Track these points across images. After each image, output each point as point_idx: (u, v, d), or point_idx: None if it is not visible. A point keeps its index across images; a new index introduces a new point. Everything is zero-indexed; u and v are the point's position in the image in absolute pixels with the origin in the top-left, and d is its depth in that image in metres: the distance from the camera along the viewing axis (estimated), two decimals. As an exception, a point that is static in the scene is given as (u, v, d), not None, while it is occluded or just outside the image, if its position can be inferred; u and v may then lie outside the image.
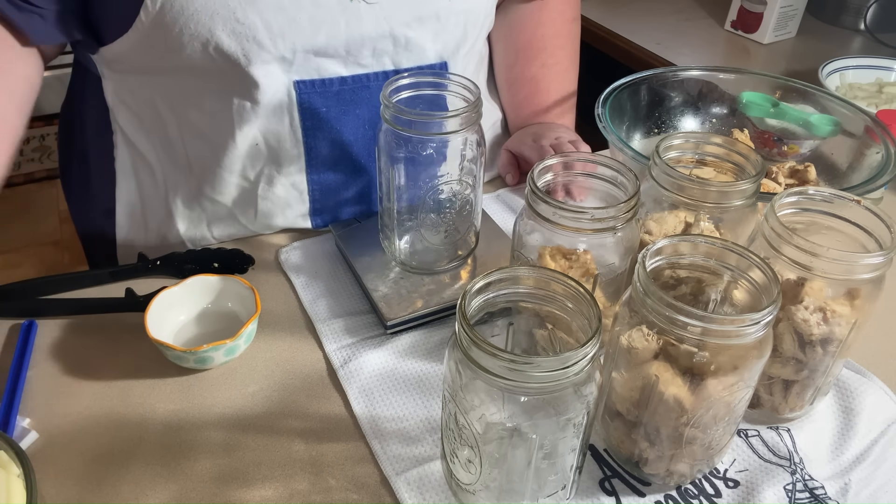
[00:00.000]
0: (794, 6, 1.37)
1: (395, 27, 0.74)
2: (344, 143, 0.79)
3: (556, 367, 0.43)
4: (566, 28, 0.96)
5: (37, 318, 0.69)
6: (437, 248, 0.72)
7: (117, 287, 0.72)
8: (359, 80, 0.76)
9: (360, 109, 0.77)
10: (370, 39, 0.73)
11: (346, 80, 0.75)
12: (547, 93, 0.95)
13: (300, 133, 0.76)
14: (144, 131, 0.79)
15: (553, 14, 0.94)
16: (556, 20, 0.94)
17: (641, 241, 0.60)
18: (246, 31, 0.68)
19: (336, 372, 0.65)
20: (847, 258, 0.52)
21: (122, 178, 0.83)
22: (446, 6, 0.75)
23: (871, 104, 1.09)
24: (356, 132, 0.79)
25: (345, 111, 0.77)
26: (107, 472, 0.57)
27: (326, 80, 0.74)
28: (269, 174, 0.79)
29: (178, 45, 0.69)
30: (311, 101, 0.75)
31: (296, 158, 0.78)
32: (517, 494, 0.51)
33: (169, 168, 0.81)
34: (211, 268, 0.74)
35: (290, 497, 0.56)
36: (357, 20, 0.71)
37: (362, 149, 0.81)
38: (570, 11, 0.96)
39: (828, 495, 0.56)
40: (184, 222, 0.82)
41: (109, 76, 0.78)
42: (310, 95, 0.74)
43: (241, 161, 0.78)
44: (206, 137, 0.77)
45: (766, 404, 0.60)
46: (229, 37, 0.68)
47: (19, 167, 2.48)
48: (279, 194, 0.80)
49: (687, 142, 0.65)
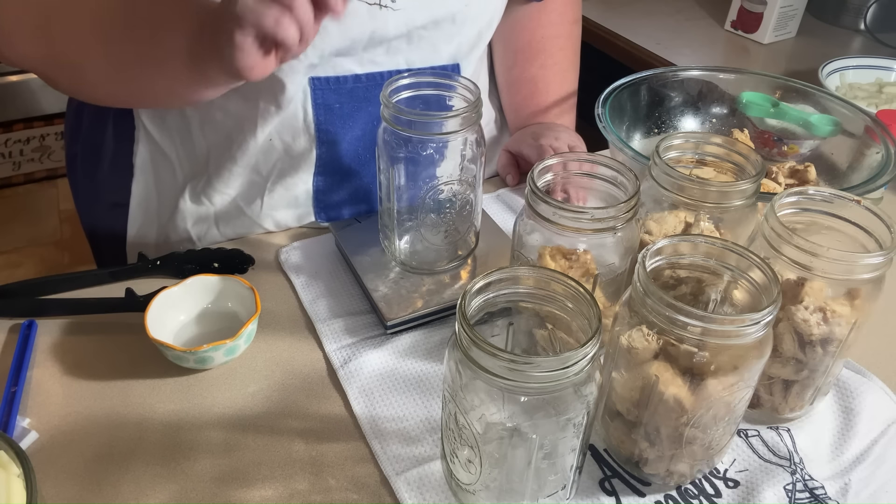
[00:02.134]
0: (794, 6, 1.37)
1: (413, 29, 0.74)
2: (355, 140, 0.80)
3: (556, 367, 0.43)
4: (566, 30, 0.96)
5: (37, 318, 0.69)
6: (437, 248, 0.72)
7: (117, 287, 0.72)
8: (372, 78, 0.76)
9: (372, 107, 0.78)
10: (388, 40, 0.74)
11: (360, 78, 0.76)
12: (546, 94, 0.95)
13: (313, 129, 0.77)
14: (167, 128, 0.80)
15: (553, 16, 0.94)
16: (556, 22, 0.94)
17: (641, 241, 0.60)
18: None
19: (336, 372, 0.65)
20: (847, 258, 0.52)
21: (139, 174, 0.83)
22: (462, 10, 0.76)
23: (871, 104, 1.09)
24: (367, 129, 0.80)
25: (357, 108, 0.78)
26: (107, 472, 0.57)
27: (341, 77, 0.75)
28: (280, 168, 0.80)
29: None
30: (325, 98, 0.75)
31: (307, 153, 0.79)
32: (517, 494, 0.51)
33: (187, 165, 0.81)
34: (211, 268, 0.74)
35: (290, 497, 0.56)
36: (383, 25, 0.72)
37: (370, 146, 0.81)
38: (570, 13, 0.96)
39: (828, 495, 0.56)
40: (192, 217, 0.83)
41: None
42: (324, 92, 0.75)
43: (255, 157, 0.78)
44: (227, 135, 0.78)
45: (766, 404, 0.60)
46: None
47: (19, 167, 2.48)
48: (287, 188, 0.81)
49: (687, 142, 0.65)
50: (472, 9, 0.77)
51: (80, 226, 0.96)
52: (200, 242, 0.84)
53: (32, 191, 2.42)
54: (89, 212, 0.92)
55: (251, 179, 0.80)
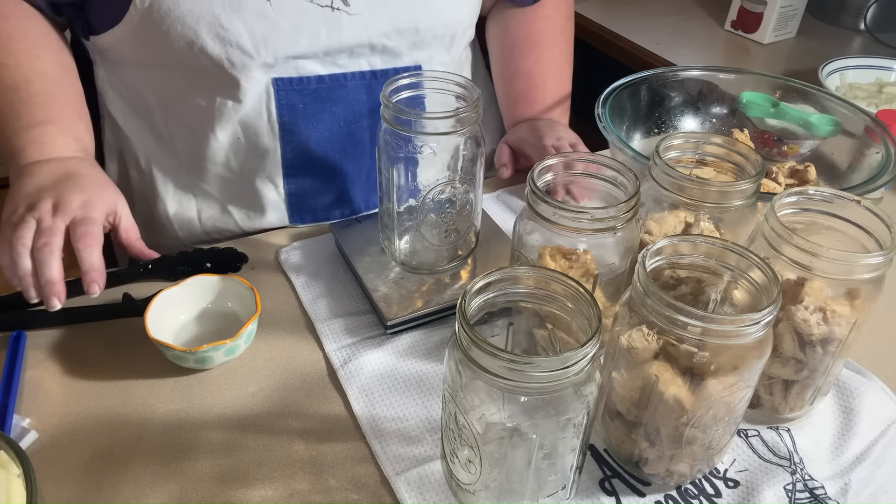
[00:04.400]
0: (794, 6, 1.37)
1: (374, 37, 0.76)
2: (320, 141, 0.81)
3: (556, 367, 0.43)
4: (560, 25, 0.97)
5: (33, 330, 0.68)
6: (437, 248, 0.72)
7: (109, 293, 0.71)
8: (336, 80, 0.78)
9: (336, 107, 0.79)
10: (348, 46, 0.75)
11: (323, 79, 0.77)
12: (542, 88, 0.95)
13: (277, 128, 0.78)
14: (132, 119, 0.82)
15: (548, 10, 0.95)
16: (551, 16, 0.95)
17: (641, 241, 0.60)
18: (230, 37, 0.70)
19: (336, 372, 0.65)
20: (847, 258, 0.52)
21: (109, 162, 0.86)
22: (425, 19, 0.77)
23: (871, 104, 1.09)
24: (332, 129, 0.81)
25: (321, 108, 0.79)
26: (107, 472, 0.57)
27: (304, 77, 0.76)
28: (250, 167, 0.81)
29: (165, 43, 0.70)
30: (289, 98, 0.77)
31: (272, 152, 0.80)
32: (517, 494, 0.51)
33: (157, 154, 0.83)
34: (204, 268, 0.73)
35: (290, 497, 0.56)
36: (338, 29, 0.73)
37: (338, 147, 0.82)
38: (564, 9, 0.98)
39: (828, 495, 0.56)
40: (174, 205, 0.84)
41: (101, 63, 0.81)
42: (287, 93, 0.76)
43: (223, 153, 0.80)
44: (191, 129, 0.79)
45: (766, 404, 0.60)
46: (214, 41, 0.70)
47: (19, 167, 2.46)
48: (259, 188, 0.82)
49: (687, 142, 0.65)
50: (441, 17, 0.78)
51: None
52: (189, 240, 0.85)
53: (32, 191, 2.41)
54: None
55: (224, 176, 0.82)
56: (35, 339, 0.67)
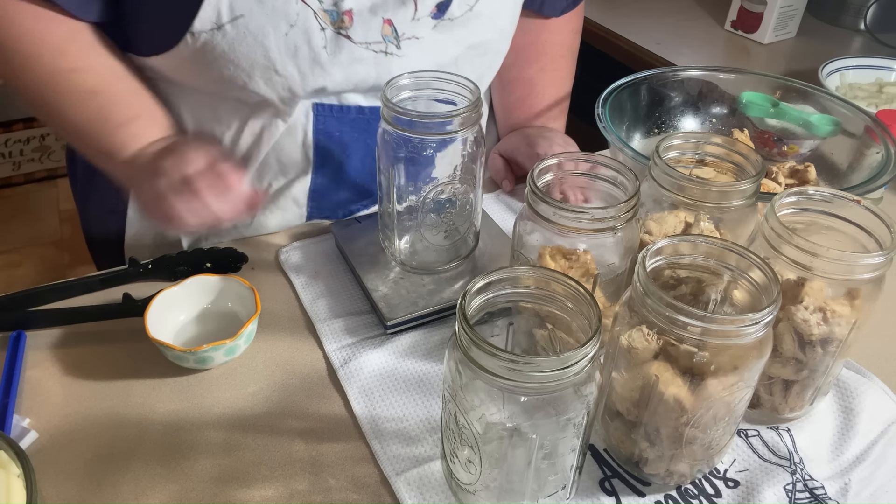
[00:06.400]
0: (794, 6, 1.37)
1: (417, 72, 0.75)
2: (350, 168, 0.81)
3: (556, 367, 0.43)
4: (569, 38, 0.96)
5: (32, 331, 0.68)
6: (437, 248, 0.72)
7: (109, 293, 0.71)
8: (375, 112, 0.78)
9: (371, 139, 0.79)
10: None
11: (363, 110, 0.78)
12: (542, 97, 0.95)
13: (311, 152, 0.78)
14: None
15: (560, 22, 0.94)
16: (561, 28, 0.94)
17: (641, 241, 0.60)
18: (283, 82, 0.70)
19: (336, 372, 0.65)
20: (847, 258, 0.52)
21: None
22: (464, 53, 0.78)
23: (871, 104, 1.09)
24: (363, 159, 0.81)
25: (356, 138, 0.79)
26: (107, 472, 0.57)
27: (345, 106, 0.77)
28: (277, 185, 0.81)
29: (212, 78, 0.70)
30: (327, 125, 0.77)
31: (301, 174, 0.80)
32: (517, 494, 0.51)
33: None
34: (204, 268, 0.73)
35: (290, 497, 0.56)
36: (387, 71, 0.73)
37: (367, 176, 0.83)
38: (575, 22, 0.97)
39: (828, 495, 0.56)
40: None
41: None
42: (326, 119, 0.76)
43: (252, 170, 0.79)
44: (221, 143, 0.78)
45: (766, 404, 0.60)
46: (266, 84, 0.70)
47: (19, 167, 2.48)
48: (279, 205, 0.82)
49: (687, 142, 0.65)
50: (477, 50, 0.79)
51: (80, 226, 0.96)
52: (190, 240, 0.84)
53: (32, 191, 2.42)
54: (87, 212, 0.92)
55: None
56: (35, 339, 0.67)
